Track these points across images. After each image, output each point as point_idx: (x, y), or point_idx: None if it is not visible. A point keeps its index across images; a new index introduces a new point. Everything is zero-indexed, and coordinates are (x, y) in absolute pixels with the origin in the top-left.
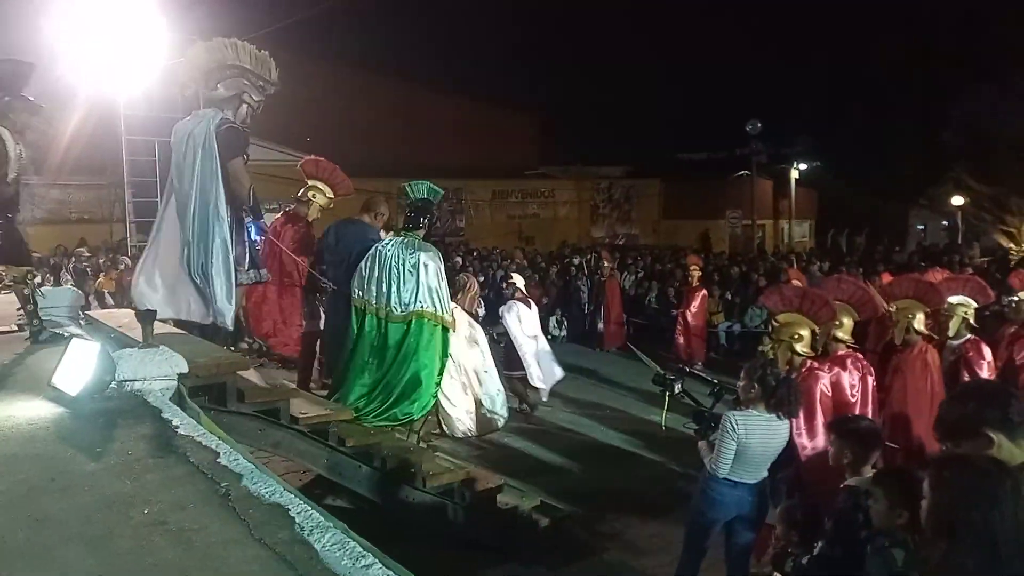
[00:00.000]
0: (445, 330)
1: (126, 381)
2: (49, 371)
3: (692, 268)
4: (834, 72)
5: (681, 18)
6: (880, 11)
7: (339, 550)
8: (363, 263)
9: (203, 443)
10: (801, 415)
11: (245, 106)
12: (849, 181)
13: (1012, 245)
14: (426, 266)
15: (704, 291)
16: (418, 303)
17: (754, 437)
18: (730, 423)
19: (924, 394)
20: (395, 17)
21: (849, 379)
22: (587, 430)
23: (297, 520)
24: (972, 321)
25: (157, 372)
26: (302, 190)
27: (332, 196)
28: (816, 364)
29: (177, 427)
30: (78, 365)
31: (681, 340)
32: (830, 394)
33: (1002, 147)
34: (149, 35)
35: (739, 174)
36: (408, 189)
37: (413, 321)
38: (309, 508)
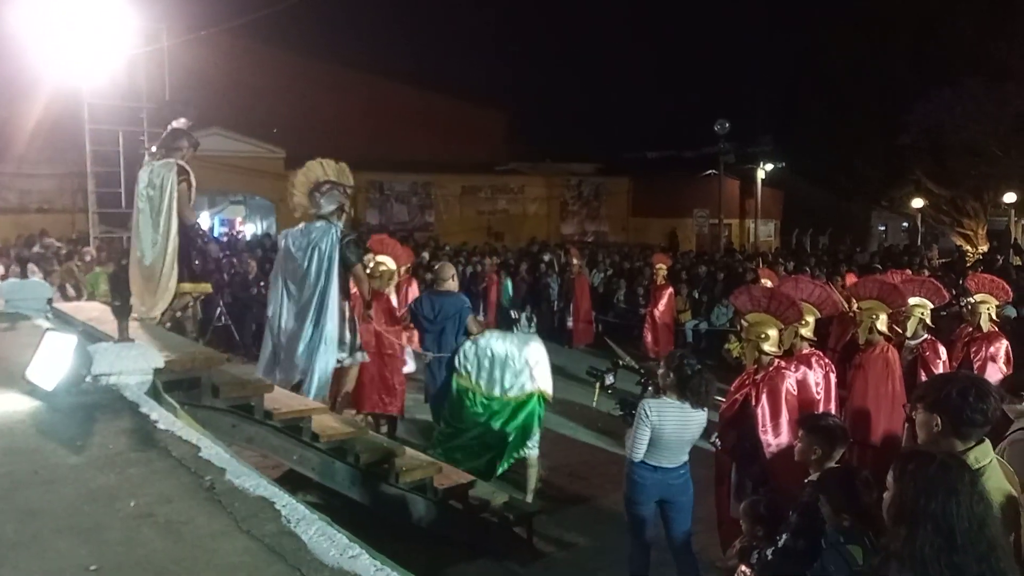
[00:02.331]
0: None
1: (102, 375)
2: (20, 364)
3: (659, 267)
4: (798, 73)
5: (653, 17)
6: (839, 11)
7: (326, 542)
8: (469, 349)
9: (183, 437)
10: (767, 412)
11: (344, 214)
12: (813, 182)
13: (969, 247)
14: (535, 357)
15: (671, 289)
16: (531, 385)
17: (668, 423)
18: (644, 410)
19: (885, 393)
20: (366, 9)
21: (814, 377)
22: (556, 426)
23: (283, 513)
24: (928, 321)
25: (133, 366)
26: (371, 265)
27: (395, 267)
28: (784, 363)
29: (156, 421)
30: (53, 359)
31: (649, 338)
32: (796, 392)
33: (958, 150)
34: (115, 23)
35: (707, 173)
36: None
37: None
38: (294, 501)
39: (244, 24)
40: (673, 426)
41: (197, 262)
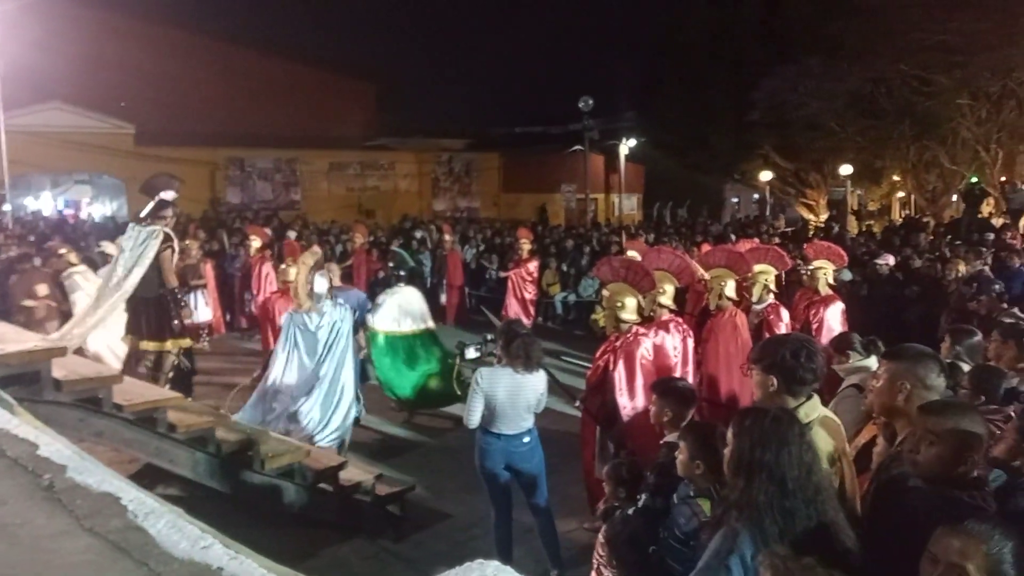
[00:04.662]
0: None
1: None
2: None
3: (522, 241)
4: (659, 50)
5: None
6: None
7: (176, 534)
8: (380, 310)
9: (19, 435)
10: (623, 376)
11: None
12: (672, 156)
13: (812, 217)
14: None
15: (536, 262)
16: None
17: (500, 390)
18: (476, 379)
19: (734, 354)
20: None
21: (672, 342)
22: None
23: (129, 508)
24: (772, 287)
25: None
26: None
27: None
28: (642, 329)
29: None
30: None
31: (513, 310)
32: (651, 357)
33: (800, 125)
34: None
35: (573, 149)
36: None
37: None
38: (141, 495)
39: None
40: (506, 392)
41: (176, 322)
